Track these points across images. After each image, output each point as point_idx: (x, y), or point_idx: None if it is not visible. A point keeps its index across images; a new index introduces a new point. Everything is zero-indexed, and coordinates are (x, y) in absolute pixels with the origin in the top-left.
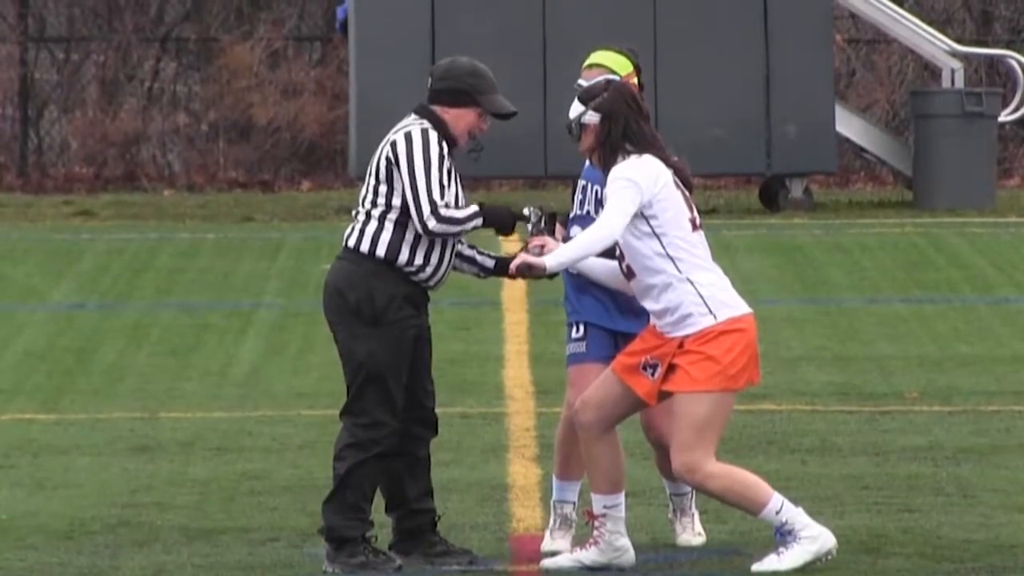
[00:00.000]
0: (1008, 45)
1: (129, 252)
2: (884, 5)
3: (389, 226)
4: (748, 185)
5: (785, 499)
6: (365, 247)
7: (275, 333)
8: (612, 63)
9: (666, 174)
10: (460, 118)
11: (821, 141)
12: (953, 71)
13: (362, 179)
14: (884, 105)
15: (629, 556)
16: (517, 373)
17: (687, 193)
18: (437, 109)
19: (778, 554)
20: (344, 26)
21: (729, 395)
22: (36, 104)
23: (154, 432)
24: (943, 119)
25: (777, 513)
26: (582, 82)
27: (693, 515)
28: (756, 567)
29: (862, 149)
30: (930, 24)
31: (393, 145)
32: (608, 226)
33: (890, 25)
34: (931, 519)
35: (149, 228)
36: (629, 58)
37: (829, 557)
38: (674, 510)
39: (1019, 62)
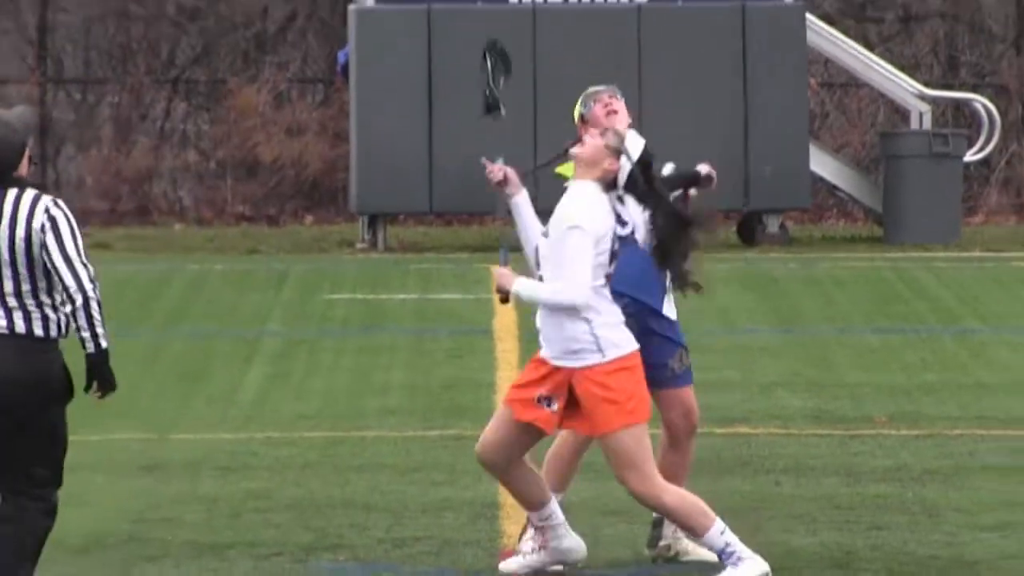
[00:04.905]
0: (974, 89)
1: (141, 282)
2: (856, 50)
3: None
4: (727, 220)
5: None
6: None
7: (279, 360)
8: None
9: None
10: None
11: (796, 179)
12: (921, 113)
13: (363, 214)
14: (856, 145)
15: (578, 552)
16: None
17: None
18: None
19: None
20: (345, 69)
21: (637, 427)
22: (54, 142)
23: (164, 453)
24: (911, 159)
25: (721, 534)
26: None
27: None
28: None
29: (835, 187)
30: (900, 69)
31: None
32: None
33: (861, 70)
34: (898, 537)
35: (160, 260)
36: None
37: None
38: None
39: (984, 105)
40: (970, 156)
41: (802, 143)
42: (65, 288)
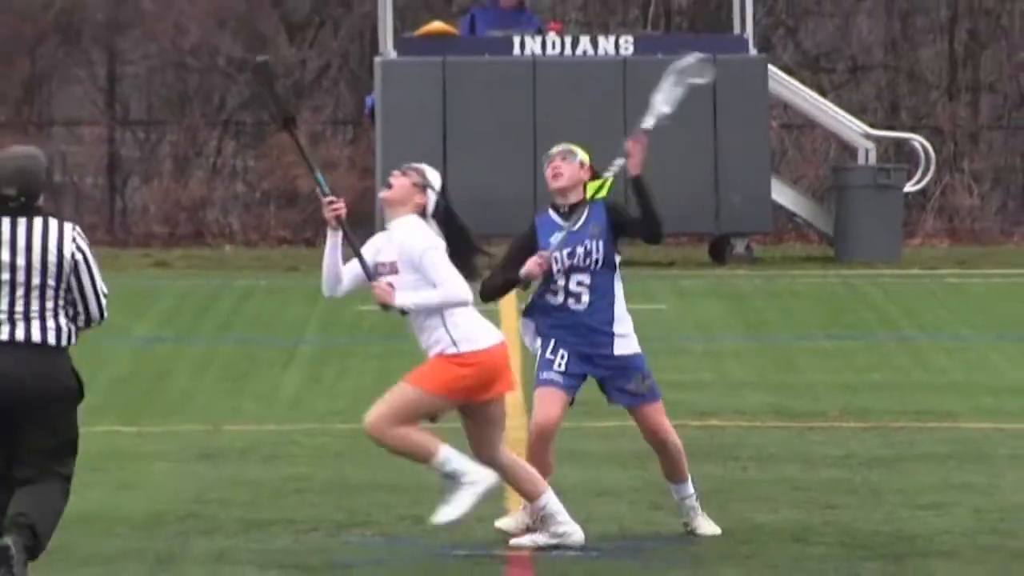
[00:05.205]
0: (912, 129)
1: (197, 296)
2: (811, 97)
3: None
4: (700, 242)
5: (452, 451)
6: None
7: (315, 363)
8: (578, 149)
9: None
10: None
11: (760, 207)
12: (867, 151)
13: None
14: (811, 178)
15: (576, 536)
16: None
17: None
18: None
19: (448, 503)
20: (371, 113)
21: (437, 399)
22: (121, 175)
23: (217, 442)
24: (858, 189)
25: (442, 463)
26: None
27: (702, 513)
28: (434, 519)
29: (793, 214)
30: (848, 112)
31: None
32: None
33: (815, 113)
34: (848, 515)
35: (213, 276)
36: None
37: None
38: (687, 512)
39: (921, 144)
40: (909, 187)
41: (765, 176)
42: (87, 310)
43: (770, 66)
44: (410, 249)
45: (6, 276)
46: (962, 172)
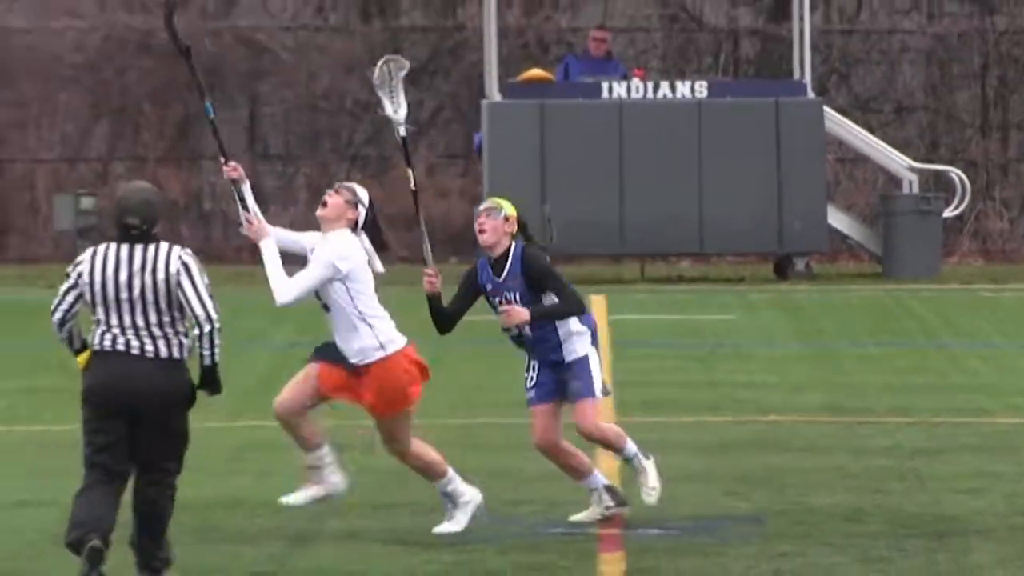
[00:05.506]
0: (950, 162)
1: None
2: (861, 134)
3: None
4: (765, 261)
5: (456, 476)
6: None
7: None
8: (504, 204)
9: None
10: None
11: (817, 230)
12: (910, 181)
13: None
14: (861, 205)
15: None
16: None
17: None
18: None
19: (450, 520)
20: (479, 148)
21: (412, 406)
22: (262, 203)
23: (348, 436)
24: (903, 215)
25: (448, 483)
26: None
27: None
28: (436, 530)
29: (846, 236)
30: (894, 147)
31: None
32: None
33: (865, 149)
34: (895, 498)
35: None
36: (513, 204)
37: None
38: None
39: (958, 175)
40: (947, 213)
41: (821, 203)
42: (195, 316)
43: (825, 107)
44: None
45: (125, 295)
46: (994, 200)
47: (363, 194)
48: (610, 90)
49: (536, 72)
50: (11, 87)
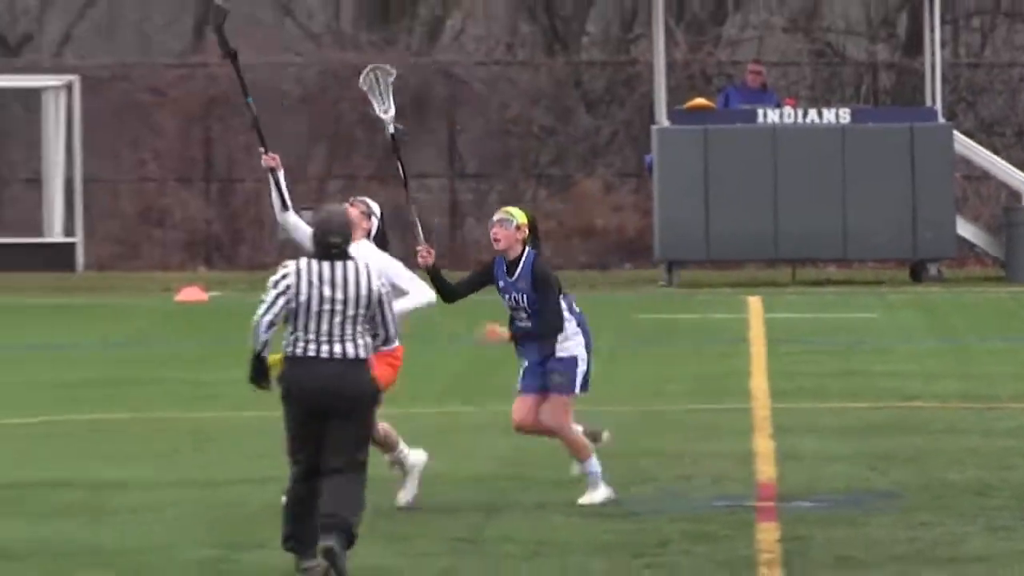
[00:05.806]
0: None
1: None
2: (985, 154)
3: None
4: (902, 266)
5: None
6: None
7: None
8: (515, 213)
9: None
10: None
11: (947, 239)
12: None
13: (663, 262)
14: (986, 217)
15: (415, 458)
16: (758, 383)
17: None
18: None
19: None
20: (650, 168)
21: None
22: (459, 217)
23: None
24: (1023, 225)
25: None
26: None
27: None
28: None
29: (973, 244)
30: (1015, 166)
31: None
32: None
33: (989, 167)
34: (1019, 474)
35: None
36: (527, 213)
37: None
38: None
39: None
40: None
41: (951, 215)
42: (386, 330)
43: (954, 131)
44: (379, 265)
45: (327, 307)
46: None
47: (375, 206)
48: (765, 117)
49: (700, 101)
50: (242, 116)
